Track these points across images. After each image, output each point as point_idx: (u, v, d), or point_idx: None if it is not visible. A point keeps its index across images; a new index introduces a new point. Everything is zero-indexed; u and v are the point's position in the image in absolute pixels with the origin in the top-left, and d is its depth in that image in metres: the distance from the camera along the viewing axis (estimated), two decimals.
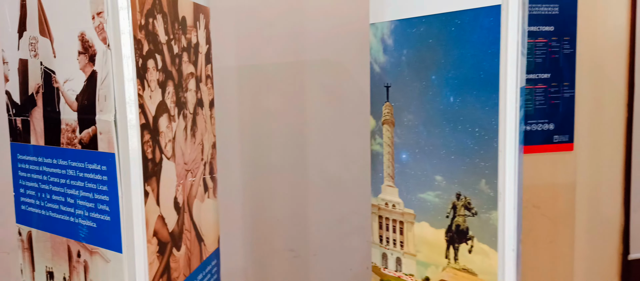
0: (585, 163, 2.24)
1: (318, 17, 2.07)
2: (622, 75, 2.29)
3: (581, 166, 2.22)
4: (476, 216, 1.35)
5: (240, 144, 2.06)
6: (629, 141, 2.30)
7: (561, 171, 2.16)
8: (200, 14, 1.39)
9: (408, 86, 1.49)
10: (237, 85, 2.03)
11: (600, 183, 2.31)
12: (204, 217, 1.39)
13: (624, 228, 2.34)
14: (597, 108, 2.25)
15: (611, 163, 2.32)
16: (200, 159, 1.38)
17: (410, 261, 1.55)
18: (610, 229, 2.35)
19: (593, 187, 2.29)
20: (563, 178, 2.15)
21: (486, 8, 1.29)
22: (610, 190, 2.33)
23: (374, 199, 1.62)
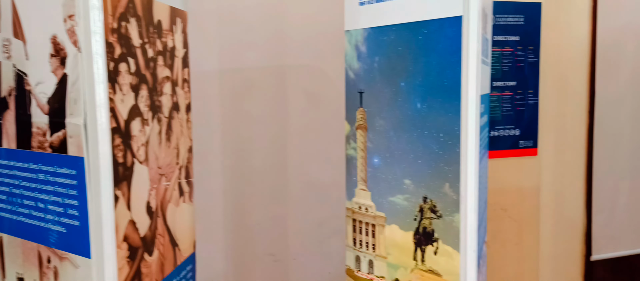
0: (549, 167, 2.24)
1: (298, 22, 2.04)
2: (583, 83, 2.30)
3: (545, 170, 2.22)
4: (441, 218, 1.34)
5: (221, 148, 2.02)
6: (590, 146, 2.32)
7: (526, 175, 2.16)
8: (177, 17, 1.35)
9: (380, 92, 1.47)
10: (218, 89, 2.00)
11: (564, 186, 2.32)
12: (178, 222, 1.35)
13: (586, 229, 2.35)
14: (560, 114, 2.26)
15: (573, 167, 2.33)
16: (175, 164, 1.34)
17: (382, 264, 1.53)
18: (573, 231, 2.36)
19: (557, 190, 2.29)
20: (528, 181, 2.15)
21: (450, 18, 1.28)
22: (572, 193, 2.34)
23: (348, 202, 1.60)
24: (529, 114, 2.11)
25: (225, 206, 2.09)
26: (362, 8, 1.52)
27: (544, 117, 2.14)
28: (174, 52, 1.34)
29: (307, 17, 2.09)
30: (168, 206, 1.30)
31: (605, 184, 2.33)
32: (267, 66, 2.08)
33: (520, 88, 2.10)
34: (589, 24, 2.26)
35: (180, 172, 1.38)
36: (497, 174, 1.93)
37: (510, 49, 2.07)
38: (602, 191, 2.33)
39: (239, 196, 2.11)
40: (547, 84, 2.14)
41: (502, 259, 2.12)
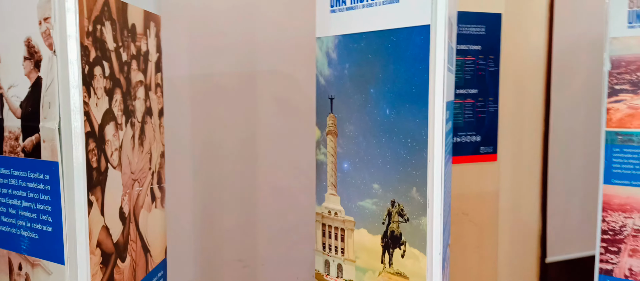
0: (507, 172, 2.33)
1: (269, 28, 2.06)
2: (540, 91, 2.40)
3: (504, 175, 2.31)
4: (408, 222, 1.38)
5: (190, 153, 2.01)
6: (546, 152, 2.42)
7: (487, 180, 2.23)
8: (151, 22, 1.35)
9: (350, 98, 1.50)
10: (189, 94, 2.00)
11: (521, 191, 2.41)
12: (150, 227, 1.35)
13: (541, 232, 2.45)
14: (518, 121, 2.35)
15: (530, 172, 2.42)
16: (148, 169, 1.34)
17: (350, 267, 1.56)
18: (530, 234, 2.45)
19: (514, 195, 2.38)
20: (488, 186, 2.23)
21: (418, 27, 1.33)
22: (529, 198, 2.44)
23: (318, 207, 1.63)
24: (490, 121, 2.20)
25: (194, 211, 2.08)
26: (333, 15, 1.56)
27: (504, 124, 2.23)
28: (147, 56, 1.35)
29: (277, 23, 2.11)
30: (140, 212, 1.30)
31: (560, 188, 2.44)
32: (237, 71, 2.09)
33: (481, 96, 2.18)
34: (545, 34, 2.36)
35: (153, 177, 1.38)
36: (458, 179, 2.00)
37: (472, 57, 2.14)
38: (557, 195, 2.44)
39: (208, 201, 2.11)
40: (507, 92, 2.23)
41: (463, 262, 2.19)
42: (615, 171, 1.77)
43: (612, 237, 1.78)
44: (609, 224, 1.79)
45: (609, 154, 1.78)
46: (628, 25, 1.72)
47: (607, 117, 1.78)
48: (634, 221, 1.74)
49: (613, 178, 1.78)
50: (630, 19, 1.71)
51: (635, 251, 1.74)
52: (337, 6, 1.55)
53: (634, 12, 1.70)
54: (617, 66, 1.75)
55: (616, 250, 1.78)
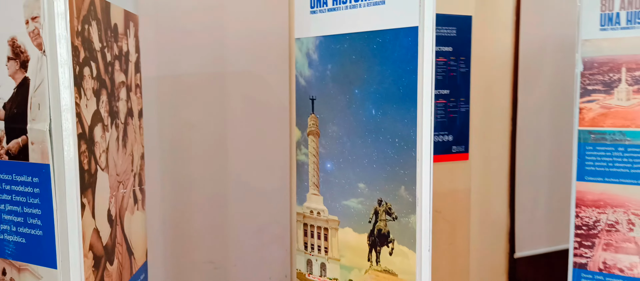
0: (478, 171, 2.39)
1: (239, 28, 2.05)
2: (507, 92, 2.48)
3: (474, 173, 2.37)
4: (396, 220, 1.41)
5: (159, 155, 1.98)
6: (513, 150, 2.50)
7: (459, 179, 2.29)
8: (130, 21, 1.33)
9: (333, 99, 1.52)
10: (156, 95, 1.96)
11: (490, 188, 2.48)
12: (134, 230, 1.33)
13: (510, 229, 2.53)
14: (487, 121, 2.42)
15: (499, 170, 2.50)
16: (131, 170, 1.32)
17: (335, 266, 1.57)
18: (499, 230, 2.52)
19: (484, 193, 2.45)
20: (460, 184, 2.29)
21: (405, 29, 1.35)
22: (498, 195, 2.51)
23: (299, 207, 1.63)
24: (461, 121, 2.25)
25: (164, 213, 2.05)
26: (313, 16, 1.57)
27: (474, 124, 2.29)
28: (128, 56, 1.32)
29: (247, 23, 2.10)
30: (125, 214, 1.27)
31: (527, 186, 2.52)
32: (206, 71, 2.07)
33: (453, 96, 2.23)
34: (512, 36, 2.44)
35: (135, 179, 1.36)
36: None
37: (444, 59, 2.19)
38: (524, 192, 2.52)
39: (177, 203, 2.08)
40: (477, 93, 2.29)
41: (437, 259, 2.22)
42: (588, 168, 1.85)
43: (586, 232, 1.86)
44: (583, 220, 1.87)
45: (582, 152, 1.86)
46: (600, 27, 1.80)
47: (580, 117, 1.86)
48: (608, 216, 1.82)
49: (586, 175, 1.86)
50: (602, 21, 1.79)
51: (609, 246, 1.82)
52: (317, 7, 1.56)
53: (606, 15, 1.78)
54: (590, 67, 1.83)
55: (590, 244, 1.85)
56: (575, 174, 1.89)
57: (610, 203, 1.83)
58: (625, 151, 1.80)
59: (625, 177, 1.80)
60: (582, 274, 1.90)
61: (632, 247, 1.80)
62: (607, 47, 1.81)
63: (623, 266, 1.81)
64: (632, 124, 1.78)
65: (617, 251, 1.82)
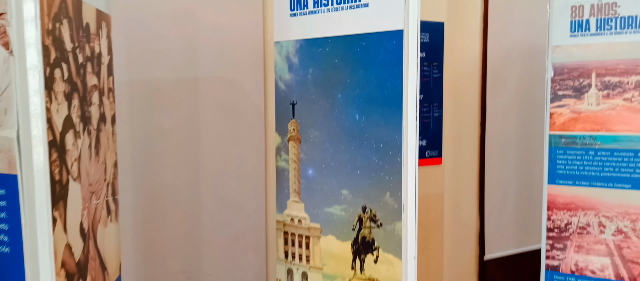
0: (450, 175, 2.35)
1: (212, 32, 1.94)
2: (476, 97, 2.45)
3: (446, 177, 2.33)
4: (381, 227, 1.34)
5: (130, 162, 1.85)
6: (483, 155, 2.47)
7: (433, 183, 2.25)
8: (103, 21, 1.22)
9: (314, 104, 1.44)
10: (127, 100, 1.84)
11: (460, 192, 2.44)
12: (107, 243, 1.21)
13: (479, 232, 2.50)
14: (458, 126, 2.38)
15: (469, 174, 2.46)
16: (104, 180, 1.20)
17: (317, 275, 1.49)
18: (469, 233, 2.49)
19: (455, 196, 2.41)
20: (434, 189, 2.24)
21: (389, 32, 1.29)
22: (468, 198, 2.48)
23: (279, 215, 1.54)
24: (434, 126, 2.21)
25: (135, 222, 1.92)
26: (293, 19, 1.48)
27: (446, 129, 2.25)
28: (100, 58, 1.21)
29: (220, 27, 2.00)
30: (98, 227, 1.16)
31: (495, 189, 2.50)
32: (178, 76, 1.96)
33: (426, 101, 2.18)
34: (480, 43, 2.41)
35: (108, 189, 1.25)
36: None
37: None
38: (493, 195, 2.50)
39: (149, 211, 1.96)
40: (448, 98, 2.25)
41: None
42: (560, 172, 1.83)
43: (557, 234, 1.83)
44: (555, 223, 1.84)
45: (553, 156, 1.84)
46: (570, 34, 1.78)
47: (550, 121, 1.84)
48: (579, 218, 1.80)
49: (557, 179, 1.83)
50: (572, 28, 1.77)
51: (581, 248, 1.80)
52: (298, 10, 1.48)
53: (576, 22, 1.77)
54: (560, 72, 1.81)
55: (562, 246, 1.83)
56: (546, 177, 1.87)
57: (581, 206, 1.81)
58: (596, 155, 1.78)
59: (595, 180, 1.78)
60: (555, 276, 1.87)
61: (603, 249, 1.78)
62: (577, 53, 1.80)
63: (595, 268, 1.80)
64: (602, 129, 1.77)
65: (589, 253, 1.80)
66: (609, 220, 1.76)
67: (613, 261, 1.76)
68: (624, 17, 1.70)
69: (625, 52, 1.71)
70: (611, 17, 1.72)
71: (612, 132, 1.75)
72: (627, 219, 1.72)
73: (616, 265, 1.75)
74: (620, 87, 1.72)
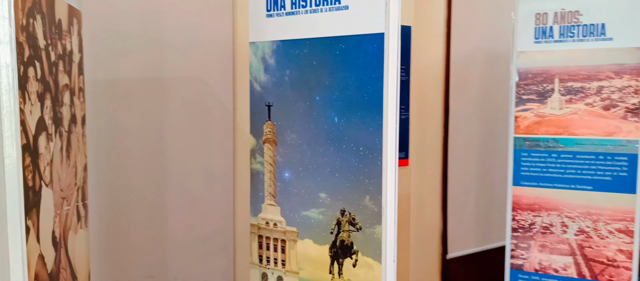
0: (415, 176, 2.36)
1: (180, 30, 1.87)
2: (440, 100, 2.47)
3: (412, 179, 2.33)
4: (361, 231, 1.31)
5: (94, 163, 1.76)
6: (446, 156, 2.49)
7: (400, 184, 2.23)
8: (74, 18, 1.14)
9: (291, 106, 1.39)
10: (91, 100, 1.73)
11: (425, 192, 2.45)
12: (77, 251, 1.14)
13: (442, 231, 2.52)
14: (423, 128, 2.39)
15: (432, 175, 2.48)
16: (74, 184, 1.13)
17: (293, 279, 1.45)
18: (432, 232, 2.51)
19: (420, 197, 2.42)
20: (401, 190, 2.24)
21: (370, 35, 1.26)
22: (432, 199, 2.49)
23: (253, 218, 1.49)
24: (402, 128, 2.20)
25: (99, 226, 1.82)
26: (270, 20, 1.44)
27: (412, 131, 2.26)
28: (71, 56, 1.13)
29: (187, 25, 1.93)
30: (69, 234, 1.08)
31: (458, 190, 2.52)
32: (144, 76, 1.88)
33: None
34: (443, 47, 2.43)
35: (78, 194, 1.17)
36: None
37: None
38: (455, 196, 2.52)
39: (113, 214, 1.86)
40: (414, 101, 2.26)
41: None
42: (524, 173, 1.86)
43: (522, 234, 1.86)
44: (519, 223, 1.87)
45: (517, 158, 1.87)
46: (534, 40, 1.81)
47: (515, 124, 1.87)
48: (542, 219, 1.83)
49: (521, 180, 1.86)
50: (536, 34, 1.80)
51: (544, 247, 1.84)
52: (274, 10, 1.43)
53: (540, 29, 1.80)
54: (524, 77, 1.84)
55: (526, 246, 1.86)
56: (511, 179, 1.90)
57: (544, 207, 1.84)
58: (559, 157, 1.82)
59: (558, 181, 1.82)
60: (519, 275, 1.90)
61: (565, 248, 1.82)
62: (541, 59, 1.83)
63: (558, 267, 1.84)
64: (565, 132, 1.81)
65: (552, 252, 1.84)
66: (572, 220, 1.80)
67: (575, 260, 1.80)
68: (586, 25, 1.74)
69: (587, 59, 1.75)
70: (574, 24, 1.76)
71: (574, 135, 1.79)
72: (589, 220, 1.77)
73: (578, 263, 1.79)
74: (582, 93, 1.77)
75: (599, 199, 1.75)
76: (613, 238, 1.73)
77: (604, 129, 1.72)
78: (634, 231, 1.70)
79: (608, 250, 1.74)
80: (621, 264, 1.72)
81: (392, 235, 1.27)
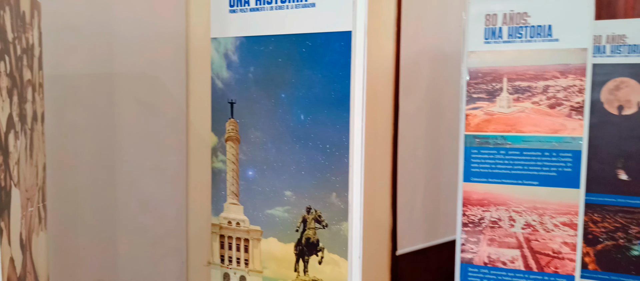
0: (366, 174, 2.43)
1: (131, 24, 1.84)
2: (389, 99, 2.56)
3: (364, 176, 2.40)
4: (327, 228, 1.36)
5: None
6: (395, 154, 2.58)
7: None
8: (35, 10, 1.11)
9: (255, 103, 1.42)
10: None
11: (375, 190, 2.54)
12: (39, 253, 1.11)
13: (392, 228, 2.61)
14: (373, 127, 2.47)
15: (382, 173, 2.56)
16: (36, 184, 1.10)
17: (256, 279, 1.47)
18: (383, 230, 2.59)
19: (370, 194, 2.50)
20: None
21: (337, 33, 1.31)
22: (382, 197, 2.57)
23: (214, 218, 1.50)
24: None
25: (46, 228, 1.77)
26: (233, 16, 1.45)
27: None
28: (33, 50, 1.11)
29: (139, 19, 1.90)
30: (33, 237, 1.06)
31: (407, 187, 2.62)
32: (94, 72, 1.84)
33: None
34: (394, 47, 2.52)
35: (39, 194, 1.14)
36: None
37: None
38: (404, 193, 2.62)
39: (61, 216, 1.81)
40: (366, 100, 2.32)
41: None
42: (474, 170, 1.97)
43: (472, 229, 1.97)
44: (469, 218, 1.98)
45: (468, 155, 1.97)
46: (484, 40, 1.92)
47: (466, 122, 1.97)
48: (491, 213, 1.95)
49: (472, 176, 1.97)
50: (486, 35, 1.91)
51: (493, 241, 1.95)
52: (238, 6, 1.45)
53: (490, 29, 1.91)
54: (475, 77, 1.95)
55: (476, 240, 1.97)
56: (461, 175, 2.00)
57: (493, 202, 1.96)
58: (506, 154, 1.94)
59: (506, 177, 1.95)
60: (469, 268, 2.01)
61: (513, 242, 1.94)
62: (490, 59, 1.94)
63: (505, 260, 1.96)
64: (513, 129, 1.93)
65: (500, 246, 1.96)
66: (519, 215, 1.93)
67: (522, 253, 1.93)
68: (533, 26, 1.87)
69: (534, 59, 1.88)
70: (522, 25, 1.89)
71: (521, 133, 1.91)
72: (535, 214, 1.90)
73: (525, 256, 1.92)
74: (529, 92, 1.89)
75: (544, 194, 1.88)
76: (558, 231, 1.87)
77: (550, 127, 1.86)
78: (577, 224, 1.84)
79: (553, 243, 1.88)
80: (566, 256, 1.87)
81: (358, 231, 1.33)
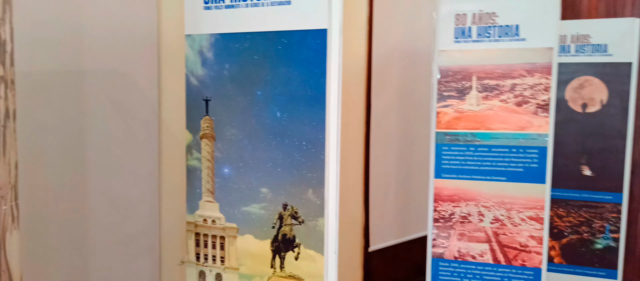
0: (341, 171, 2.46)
1: (101, 21, 1.81)
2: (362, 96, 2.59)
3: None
4: (303, 224, 1.38)
5: None
6: (368, 151, 2.62)
7: None
8: (7, 5, 1.10)
9: (231, 101, 1.43)
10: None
11: (348, 188, 2.57)
12: (12, 254, 1.10)
13: (364, 225, 2.65)
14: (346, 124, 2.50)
15: (355, 170, 2.60)
16: (9, 183, 1.09)
17: (232, 276, 1.48)
18: (355, 227, 2.63)
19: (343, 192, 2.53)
20: None
21: (313, 31, 1.33)
22: (355, 194, 2.61)
23: (189, 216, 1.51)
24: None
25: None
26: (208, 13, 1.46)
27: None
28: (5, 46, 1.09)
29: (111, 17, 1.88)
30: (6, 236, 1.05)
31: (379, 184, 2.67)
32: (63, 69, 1.81)
33: None
34: (366, 46, 2.56)
35: (11, 193, 1.13)
36: None
37: None
38: (376, 190, 2.66)
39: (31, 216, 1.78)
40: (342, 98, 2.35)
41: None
42: (445, 166, 2.02)
43: (442, 224, 2.02)
44: (440, 213, 2.03)
45: (438, 152, 2.02)
46: (454, 40, 1.97)
47: (436, 120, 2.02)
48: (461, 209, 2.00)
49: (442, 173, 2.02)
50: (456, 34, 1.96)
51: (463, 235, 2.01)
52: (213, 3, 1.46)
53: (460, 29, 1.96)
54: (445, 75, 2.00)
55: (446, 235, 2.02)
56: (433, 172, 2.05)
57: (463, 197, 2.02)
58: (476, 151, 2.00)
59: (475, 173, 2.00)
60: (440, 262, 2.06)
61: (482, 236, 2.00)
62: (460, 58, 2.00)
63: (475, 254, 2.02)
64: (482, 127, 1.99)
65: (470, 240, 2.01)
66: (487, 210, 1.99)
67: (491, 246, 1.99)
68: (501, 26, 1.93)
69: (502, 58, 1.94)
70: (490, 25, 1.94)
71: (490, 130, 1.97)
72: (503, 209, 1.96)
73: (494, 250, 1.98)
74: (498, 90, 1.95)
75: (512, 189, 1.95)
76: (525, 225, 1.94)
77: (517, 124, 1.92)
78: (543, 219, 1.91)
79: (521, 236, 1.94)
80: (532, 249, 1.93)
81: (334, 227, 1.36)
